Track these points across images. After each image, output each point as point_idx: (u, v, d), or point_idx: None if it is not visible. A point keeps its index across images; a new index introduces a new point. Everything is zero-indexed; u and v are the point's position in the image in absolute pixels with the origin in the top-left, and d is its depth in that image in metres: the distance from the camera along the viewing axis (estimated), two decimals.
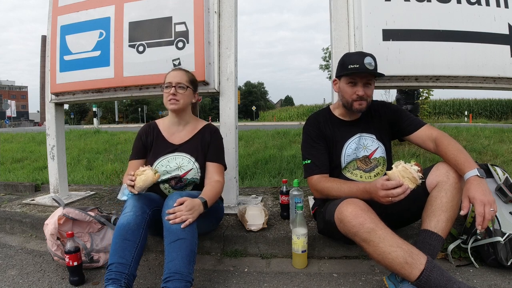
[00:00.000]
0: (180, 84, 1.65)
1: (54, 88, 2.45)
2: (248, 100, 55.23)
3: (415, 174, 1.24)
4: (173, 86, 1.63)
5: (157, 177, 1.46)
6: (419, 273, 1.16)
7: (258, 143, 5.52)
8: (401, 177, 1.25)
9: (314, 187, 1.59)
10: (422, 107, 5.63)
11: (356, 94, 1.54)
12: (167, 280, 1.25)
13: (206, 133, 1.74)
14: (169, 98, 1.64)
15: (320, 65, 29.60)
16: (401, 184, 1.23)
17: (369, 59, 1.52)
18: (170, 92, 1.63)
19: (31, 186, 3.34)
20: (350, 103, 1.58)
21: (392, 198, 1.24)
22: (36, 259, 1.81)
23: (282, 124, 13.79)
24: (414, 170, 1.25)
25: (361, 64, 1.50)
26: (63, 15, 2.41)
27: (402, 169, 1.25)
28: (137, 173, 1.44)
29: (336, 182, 1.52)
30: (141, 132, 1.77)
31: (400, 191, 1.23)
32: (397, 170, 1.26)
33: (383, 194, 1.26)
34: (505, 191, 1.64)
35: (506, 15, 1.99)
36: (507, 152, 4.34)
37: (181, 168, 1.65)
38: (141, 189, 1.44)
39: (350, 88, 1.56)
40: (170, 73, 1.69)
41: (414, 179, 1.24)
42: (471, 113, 20.78)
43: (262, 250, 1.79)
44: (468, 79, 2.01)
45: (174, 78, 1.65)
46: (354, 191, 1.41)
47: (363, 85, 1.54)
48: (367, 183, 1.38)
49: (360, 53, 1.59)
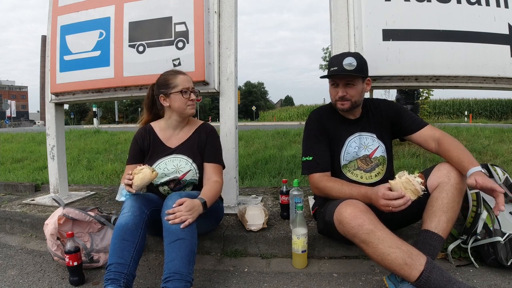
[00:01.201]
0: (194, 88, 1.68)
1: (54, 88, 2.45)
2: (248, 100, 55.21)
3: (418, 186, 1.23)
4: (191, 92, 1.65)
5: (155, 175, 1.45)
6: (419, 274, 1.16)
7: (258, 143, 5.52)
8: (404, 188, 1.24)
9: (315, 185, 1.58)
10: (422, 107, 5.63)
11: (338, 95, 1.57)
12: (167, 280, 1.25)
13: (202, 133, 1.73)
14: (190, 103, 1.65)
15: (320, 65, 29.55)
16: (402, 196, 1.23)
17: (350, 59, 1.52)
18: (190, 98, 1.64)
19: (31, 186, 3.34)
20: (334, 103, 1.62)
21: (392, 208, 1.24)
22: (36, 259, 1.81)
23: (282, 124, 13.79)
24: (417, 182, 1.24)
25: (339, 66, 1.53)
26: (63, 15, 2.41)
27: (406, 180, 1.24)
28: (134, 171, 1.44)
29: (337, 182, 1.52)
30: (137, 136, 1.74)
31: (401, 202, 1.22)
32: (400, 181, 1.25)
33: (384, 203, 1.26)
34: (505, 191, 1.64)
35: (506, 15, 1.99)
36: (507, 152, 4.34)
37: (179, 170, 1.64)
38: (139, 188, 1.43)
39: (333, 89, 1.61)
40: (181, 77, 1.65)
41: (416, 191, 1.23)
42: (471, 113, 20.79)
43: (262, 250, 1.79)
44: (468, 79, 2.01)
45: (189, 82, 1.66)
46: (355, 194, 1.41)
47: (343, 85, 1.56)
48: (368, 189, 1.37)
49: (341, 54, 1.59)
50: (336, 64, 1.54)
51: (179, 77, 1.65)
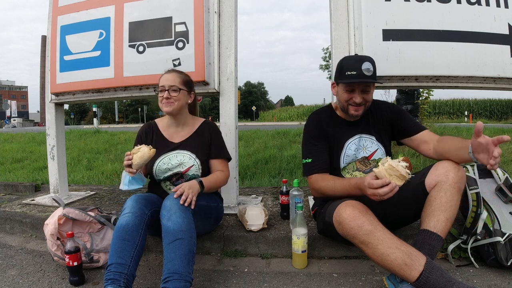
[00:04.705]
0: (173, 87, 1.66)
1: (54, 88, 2.45)
2: (248, 100, 55.22)
3: (403, 171, 1.21)
4: (166, 90, 1.65)
5: (153, 152, 1.52)
6: (418, 274, 1.16)
7: (258, 143, 5.51)
8: (388, 175, 1.22)
9: (312, 186, 1.60)
10: (422, 107, 5.61)
11: (353, 101, 1.54)
12: (166, 280, 1.25)
13: (205, 131, 1.77)
14: (163, 102, 1.66)
15: (320, 65, 29.63)
16: (387, 183, 1.22)
17: (367, 64, 1.49)
18: (163, 96, 1.65)
19: (31, 186, 3.34)
20: (346, 107, 1.58)
21: (380, 197, 1.23)
22: (36, 259, 1.81)
23: (282, 124, 13.79)
24: (402, 166, 1.22)
25: (358, 71, 1.48)
26: (63, 15, 2.41)
27: (389, 167, 1.22)
28: (133, 151, 1.50)
29: (330, 180, 1.53)
30: (141, 131, 1.80)
31: (387, 190, 1.21)
32: (383, 169, 1.23)
33: (370, 193, 1.26)
34: (505, 191, 1.64)
35: (506, 15, 1.99)
36: (507, 152, 4.33)
37: (182, 165, 1.67)
38: (139, 166, 1.50)
39: (347, 94, 1.55)
40: (163, 76, 1.70)
41: (402, 176, 1.21)
42: (471, 113, 20.78)
43: (262, 250, 1.79)
44: (468, 79, 2.01)
45: (166, 81, 1.67)
46: (346, 188, 1.42)
47: (360, 91, 1.53)
48: (358, 179, 1.39)
49: (358, 59, 1.54)
50: (353, 68, 1.49)
51: (163, 76, 1.70)
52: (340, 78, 1.56)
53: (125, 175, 1.55)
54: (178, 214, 1.36)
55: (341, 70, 1.55)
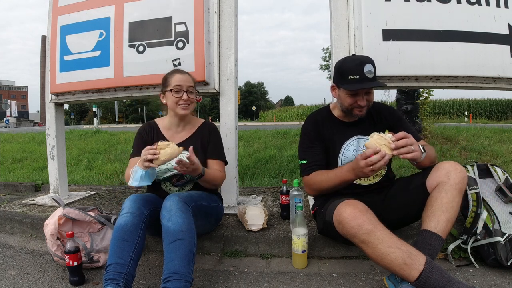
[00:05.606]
0: (191, 87, 1.65)
1: (54, 88, 2.45)
2: (248, 100, 55.23)
3: (389, 139, 1.32)
4: (185, 91, 1.63)
5: (181, 150, 1.44)
6: (418, 274, 1.15)
7: (258, 143, 5.51)
8: (378, 144, 1.31)
9: (307, 185, 1.61)
10: (422, 107, 5.61)
11: (358, 104, 1.53)
12: (166, 280, 1.25)
13: (205, 131, 1.77)
14: (181, 103, 1.63)
15: (320, 65, 29.64)
16: (378, 151, 1.28)
17: (369, 66, 1.48)
18: (182, 97, 1.62)
19: (31, 186, 3.34)
20: (350, 110, 1.58)
21: (373, 166, 1.28)
22: (36, 259, 1.81)
23: (282, 124, 13.79)
24: (389, 137, 1.32)
25: (361, 74, 1.47)
26: (63, 15, 2.41)
27: (378, 137, 1.33)
28: (160, 145, 1.40)
29: (323, 173, 1.54)
30: (141, 130, 1.79)
31: (379, 157, 1.28)
32: (373, 139, 1.34)
33: (363, 164, 1.30)
34: (505, 191, 1.64)
35: (506, 15, 1.99)
36: (507, 152, 4.34)
37: None
38: (162, 163, 1.41)
39: (352, 98, 1.54)
40: (177, 75, 1.66)
41: (390, 144, 1.31)
42: (471, 113, 20.77)
43: (262, 250, 1.79)
44: (468, 79, 2.01)
45: (184, 81, 1.64)
46: (339, 174, 1.46)
47: (364, 94, 1.53)
48: (350, 162, 1.43)
49: (359, 61, 1.50)
50: (356, 72, 1.47)
51: (175, 76, 1.66)
52: (343, 82, 1.53)
53: (137, 170, 1.44)
54: (179, 215, 1.36)
55: (342, 74, 1.53)
